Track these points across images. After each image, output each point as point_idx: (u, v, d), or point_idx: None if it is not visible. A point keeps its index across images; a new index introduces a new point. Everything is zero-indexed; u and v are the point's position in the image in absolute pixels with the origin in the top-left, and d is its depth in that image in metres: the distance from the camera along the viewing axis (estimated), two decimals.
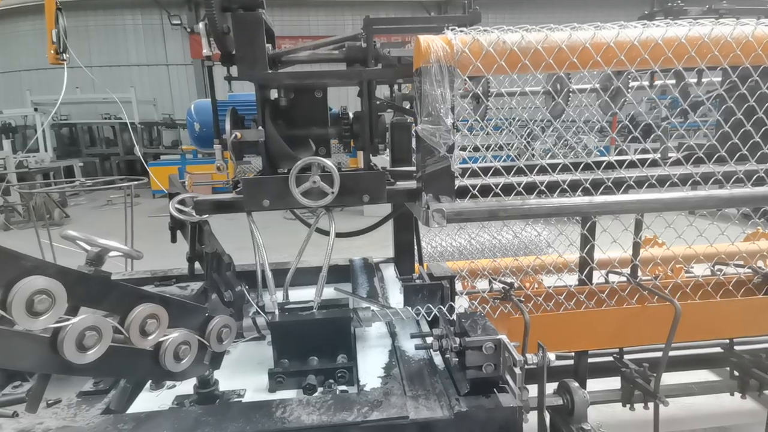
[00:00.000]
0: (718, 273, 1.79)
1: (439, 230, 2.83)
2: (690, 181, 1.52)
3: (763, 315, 1.68)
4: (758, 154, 1.51)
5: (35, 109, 12.65)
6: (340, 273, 2.31)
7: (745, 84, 1.51)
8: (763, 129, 1.50)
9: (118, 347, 1.05)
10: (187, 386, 1.39)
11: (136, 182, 4.18)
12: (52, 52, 2.33)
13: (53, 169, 11.86)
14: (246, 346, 1.68)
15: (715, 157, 1.53)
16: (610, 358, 2.07)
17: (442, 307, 1.52)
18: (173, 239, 1.90)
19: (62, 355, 0.93)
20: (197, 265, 1.85)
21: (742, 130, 1.50)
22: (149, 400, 1.37)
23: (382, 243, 2.59)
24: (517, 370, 1.14)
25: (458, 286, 1.86)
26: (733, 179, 1.51)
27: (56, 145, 13.94)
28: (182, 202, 1.76)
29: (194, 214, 1.71)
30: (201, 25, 1.70)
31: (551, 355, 1.16)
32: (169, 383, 1.43)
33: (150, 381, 1.42)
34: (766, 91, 1.50)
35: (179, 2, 15.24)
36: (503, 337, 1.23)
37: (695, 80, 1.78)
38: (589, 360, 2.21)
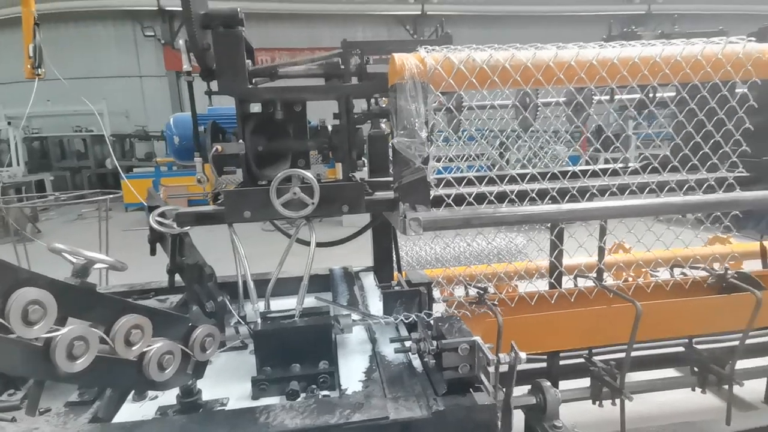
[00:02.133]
0: (677, 275, 1.91)
1: (416, 239, 2.91)
2: (647, 189, 1.63)
3: (717, 313, 1.80)
4: (708, 163, 1.63)
5: (9, 123, 12.31)
6: (320, 282, 2.35)
7: (694, 99, 1.64)
8: (711, 141, 1.63)
9: (104, 357, 1.07)
10: (170, 397, 1.41)
11: (112, 195, 4.12)
12: (29, 66, 2.32)
13: (25, 184, 11.55)
14: (228, 356, 1.70)
15: (669, 166, 1.65)
16: (581, 360, 2.16)
17: (419, 312, 1.58)
18: (152, 252, 1.91)
19: (54, 363, 0.95)
20: (178, 277, 1.86)
21: (692, 141, 1.63)
22: (132, 411, 1.37)
23: (360, 252, 2.64)
24: (491, 369, 1.20)
25: (435, 293, 1.92)
26: (685, 187, 1.63)
27: (27, 159, 13.55)
28: (162, 214, 1.79)
29: (175, 226, 1.73)
30: (182, 41, 1.74)
31: (522, 355, 1.23)
32: (151, 394, 1.44)
33: (132, 392, 1.43)
34: (714, 106, 1.64)
35: (152, 14, 15.09)
36: (478, 339, 1.29)
37: (652, 95, 1.92)
38: (562, 362, 2.32)
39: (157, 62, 15.85)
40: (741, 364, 2.32)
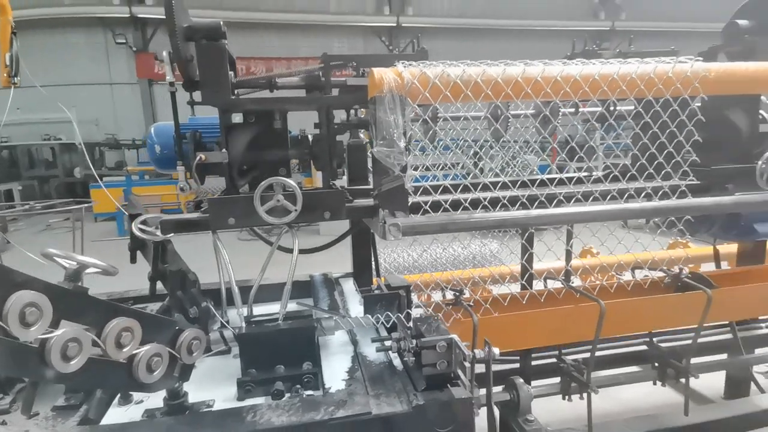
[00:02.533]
0: (638, 276, 2.05)
1: (394, 246, 2.98)
2: (609, 196, 1.76)
3: (673, 310, 1.94)
4: (662, 172, 1.78)
5: None
6: (301, 288, 2.40)
7: (649, 113, 1.78)
8: (665, 152, 1.77)
9: (96, 359, 1.10)
10: (155, 401, 1.43)
11: (86, 205, 4.05)
12: (5, 75, 2.29)
13: None
14: (212, 361, 1.73)
15: (628, 175, 1.79)
16: (552, 360, 2.28)
17: (399, 314, 1.66)
18: (133, 260, 1.92)
19: (50, 364, 0.98)
20: (159, 285, 1.88)
21: (648, 152, 1.77)
22: (119, 415, 1.39)
23: (337, 262, 2.72)
24: (467, 364, 1.28)
25: (414, 298, 2.00)
26: (643, 194, 1.77)
27: None
28: (145, 222, 1.81)
29: (158, 233, 1.76)
30: (165, 53, 1.79)
31: (496, 350, 1.32)
32: (136, 398, 1.46)
33: (118, 396, 1.45)
34: (667, 120, 1.78)
35: (124, 21, 14.88)
36: (455, 337, 1.37)
37: (613, 109, 2.06)
38: (534, 362, 2.43)
39: (129, 70, 15.59)
40: (702, 360, 2.48)
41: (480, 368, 1.47)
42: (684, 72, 1.71)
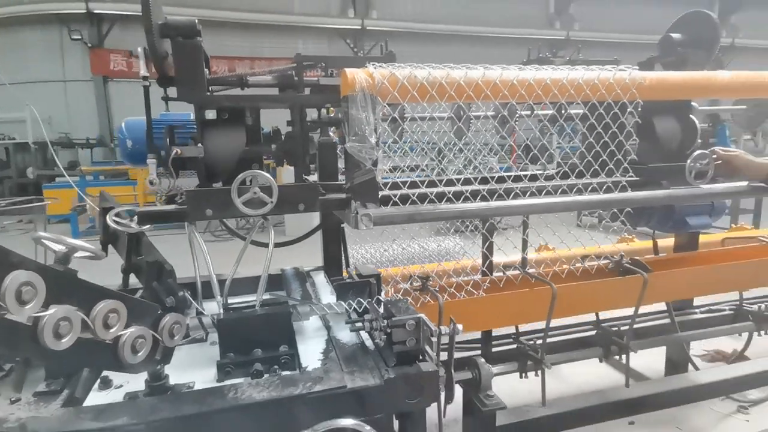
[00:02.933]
0: (587, 264, 2.26)
1: (363, 241, 3.09)
2: (559, 190, 1.94)
3: (615, 292, 2.15)
4: (606, 169, 1.98)
5: None
6: (273, 282, 2.45)
7: (594, 115, 1.98)
8: (608, 150, 1.97)
9: (84, 339, 1.15)
10: (135, 385, 1.48)
11: (50, 201, 3.93)
12: None
13: None
14: (189, 349, 1.78)
15: (576, 171, 1.98)
16: (512, 344, 2.45)
17: (370, 299, 1.77)
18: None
19: (42, 342, 1.03)
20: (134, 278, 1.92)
21: (593, 151, 1.96)
22: (99, 399, 1.43)
23: (306, 258, 2.80)
24: (434, 339, 1.41)
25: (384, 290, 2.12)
26: (589, 189, 1.96)
27: None
28: (118, 214, 1.84)
29: (133, 225, 1.79)
30: (140, 49, 1.83)
31: (459, 326, 1.46)
32: (116, 383, 1.51)
33: (98, 381, 1.49)
34: (609, 122, 1.99)
35: (80, 17, 14.27)
36: (422, 316, 1.50)
37: (564, 111, 2.26)
38: (495, 349, 2.60)
39: (83, 66, 14.96)
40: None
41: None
42: (623, 79, 1.92)
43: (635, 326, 2.93)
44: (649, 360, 3.66)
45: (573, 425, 2.20)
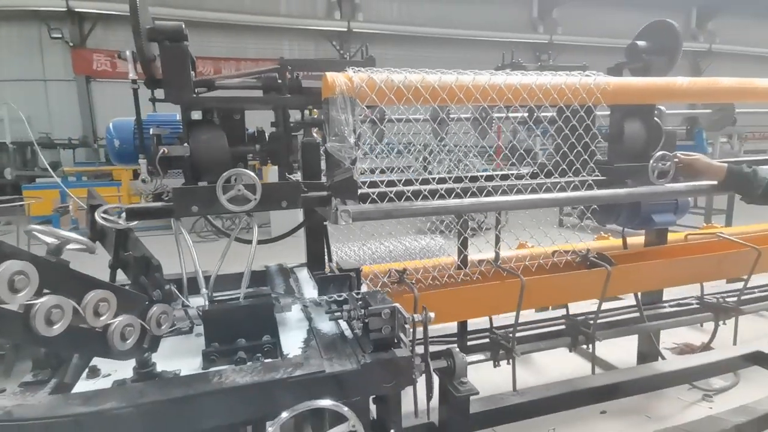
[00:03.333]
0: (555, 258, 2.38)
1: (345, 240, 3.18)
2: (529, 189, 2.06)
3: (581, 284, 2.28)
4: (572, 168, 2.10)
5: None
6: (257, 278, 2.53)
7: (562, 118, 2.10)
8: (575, 151, 2.10)
9: (75, 326, 1.22)
10: (123, 374, 1.55)
11: (33, 201, 3.93)
12: None
13: None
14: (176, 340, 1.85)
15: (545, 170, 2.10)
16: (486, 335, 2.56)
17: (350, 291, 1.86)
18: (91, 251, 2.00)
19: (34, 328, 1.10)
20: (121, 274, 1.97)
21: (561, 151, 2.08)
22: (87, 387, 1.49)
23: (294, 257, 2.88)
24: (408, 326, 1.51)
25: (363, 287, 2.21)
26: (557, 187, 2.08)
27: None
28: (106, 211, 1.90)
29: (120, 221, 1.86)
30: (129, 53, 1.90)
31: (431, 314, 1.56)
32: (104, 371, 1.57)
33: (86, 370, 1.55)
34: (575, 124, 2.11)
35: (60, 15, 14.08)
36: (397, 305, 1.59)
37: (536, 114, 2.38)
38: (470, 342, 2.71)
39: (65, 66, 14.75)
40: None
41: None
42: (588, 84, 2.04)
43: (608, 319, 3.08)
44: (622, 354, 3.82)
45: (543, 412, 2.33)
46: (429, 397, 1.71)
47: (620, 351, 3.86)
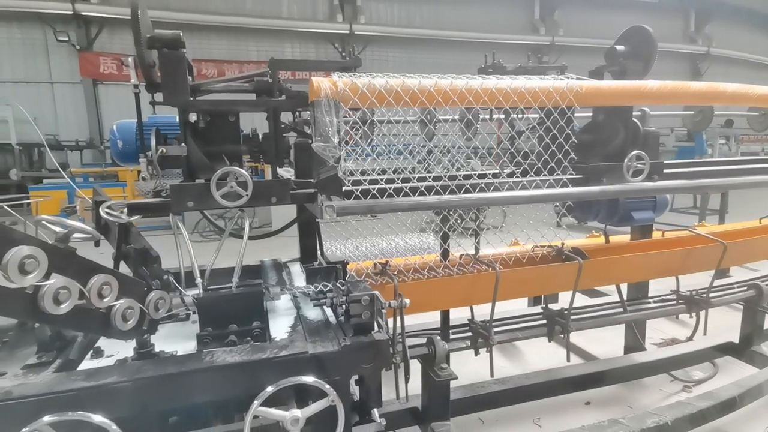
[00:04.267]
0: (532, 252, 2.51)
1: (336, 237, 3.32)
2: (506, 187, 2.18)
3: (554, 276, 2.40)
4: (548, 167, 2.22)
5: None
6: (253, 272, 2.67)
7: (537, 120, 2.22)
8: (549, 151, 2.22)
9: (81, 306, 1.36)
10: (125, 354, 1.69)
11: (41, 199, 4.10)
12: None
13: None
14: (173, 326, 1.99)
15: (521, 169, 2.22)
16: (466, 326, 2.68)
17: (336, 282, 1.99)
18: (96, 244, 2.15)
19: (42, 307, 1.24)
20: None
21: (550, 150, 2.20)
22: (92, 366, 1.63)
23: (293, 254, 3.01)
24: (384, 311, 1.64)
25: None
26: (533, 185, 2.21)
27: None
28: (110, 207, 2.04)
29: (122, 216, 2.00)
30: (131, 59, 2.04)
31: (407, 300, 1.69)
32: (107, 352, 1.71)
33: (90, 351, 1.69)
34: (550, 125, 2.23)
35: (66, 18, 14.32)
36: (376, 293, 1.73)
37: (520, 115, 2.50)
38: (452, 332, 2.82)
39: (71, 68, 14.99)
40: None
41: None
42: (561, 87, 2.17)
43: (593, 314, 3.19)
44: (608, 349, 3.94)
45: (523, 399, 2.45)
46: (407, 379, 1.83)
47: (609, 346, 3.98)
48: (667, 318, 4.44)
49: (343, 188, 1.99)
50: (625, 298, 2.94)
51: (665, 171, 2.56)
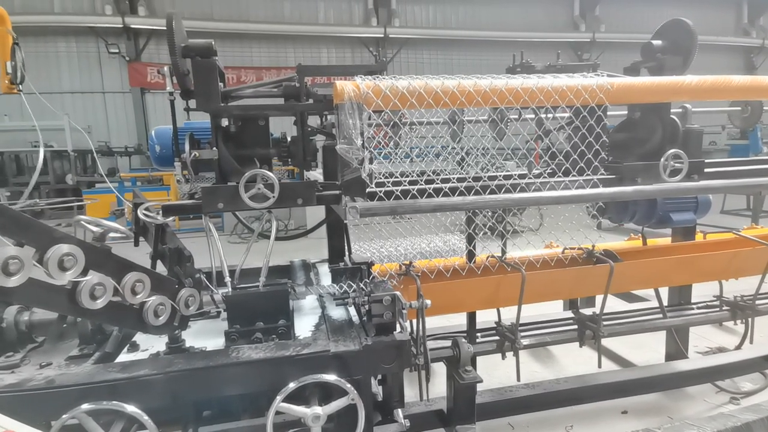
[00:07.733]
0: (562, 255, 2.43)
1: (366, 239, 3.35)
2: (533, 187, 2.14)
3: (585, 279, 2.32)
4: (577, 168, 2.16)
5: None
6: (282, 272, 2.74)
7: (565, 119, 2.17)
8: (578, 151, 2.16)
9: (115, 302, 1.45)
10: (158, 349, 1.77)
11: (89, 202, 4.37)
12: (7, 81, 2.54)
13: None
14: (204, 323, 2.07)
15: (547, 171, 2.17)
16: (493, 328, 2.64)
17: (359, 282, 2.02)
18: (136, 243, 2.26)
19: (79, 302, 1.33)
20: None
21: (579, 150, 2.14)
22: (128, 359, 1.73)
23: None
24: (405, 311, 1.65)
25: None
26: (561, 186, 2.15)
27: None
28: (147, 209, 2.15)
29: (158, 218, 2.10)
30: (166, 68, 2.15)
31: (427, 301, 1.69)
32: (142, 347, 1.80)
33: (127, 346, 1.79)
34: (579, 125, 2.17)
35: (117, 31, 15.19)
36: (397, 293, 1.74)
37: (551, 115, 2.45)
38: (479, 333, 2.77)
39: (121, 79, 15.88)
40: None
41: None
42: (590, 85, 2.10)
43: (629, 320, 3.07)
44: (650, 356, 3.77)
45: (553, 405, 2.38)
46: (427, 380, 1.83)
47: (651, 353, 3.81)
48: (714, 325, 4.22)
49: (367, 190, 2.01)
50: (666, 304, 2.82)
51: (707, 170, 2.43)
